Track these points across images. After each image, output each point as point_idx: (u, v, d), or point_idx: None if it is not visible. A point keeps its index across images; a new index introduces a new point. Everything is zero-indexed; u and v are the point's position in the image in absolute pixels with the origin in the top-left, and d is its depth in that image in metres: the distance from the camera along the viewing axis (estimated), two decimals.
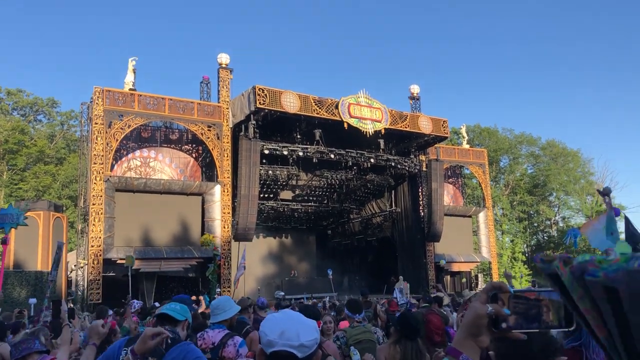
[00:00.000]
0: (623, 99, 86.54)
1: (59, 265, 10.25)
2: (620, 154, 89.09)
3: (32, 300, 12.57)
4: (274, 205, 30.02)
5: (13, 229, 8.24)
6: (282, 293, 18.43)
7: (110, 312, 10.36)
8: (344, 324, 6.43)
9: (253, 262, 30.37)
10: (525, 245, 54.91)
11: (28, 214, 23.20)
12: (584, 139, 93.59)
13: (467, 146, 36.28)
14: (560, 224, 55.94)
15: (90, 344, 3.25)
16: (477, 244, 35.34)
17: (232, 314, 4.64)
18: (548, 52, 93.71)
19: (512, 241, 50.89)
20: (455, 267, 32.91)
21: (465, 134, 37.29)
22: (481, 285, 34.22)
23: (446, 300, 9.64)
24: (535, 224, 57.28)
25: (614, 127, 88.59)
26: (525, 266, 49.08)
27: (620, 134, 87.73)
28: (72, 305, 23.03)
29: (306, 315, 4.49)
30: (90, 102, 23.20)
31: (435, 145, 30.86)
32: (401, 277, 22.24)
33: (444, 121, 28.65)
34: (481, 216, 34.94)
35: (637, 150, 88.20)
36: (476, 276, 35.31)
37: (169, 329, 3.18)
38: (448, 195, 33.60)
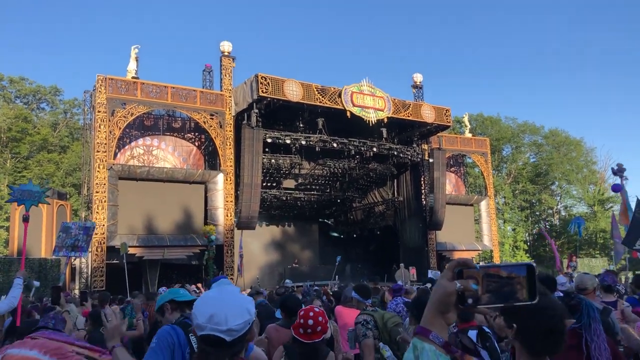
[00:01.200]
0: (627, 87, 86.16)
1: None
2: (623, 143, 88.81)
3: (36, 283, 12.63)
4: (277, 193, 30.10)
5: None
6: (290, 282, 18.56)
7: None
8: (339, 310, 6.36)
9: (256, 251, 30.56)
10: (527, 234, 54.98)
11: None
12: (587, 128, 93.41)
13: (470, 135, 36.25)
14: (563, 213, 55.95)
15: (118, 347, 2.93)
16: (479, 232, 35.42)
17: None
18: (551, 40, 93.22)
19: (513, 230, 50.97)
20: (457, 256, 32.98)
21: (467, 123, 37.22)
22: None
23: None
24: (537, 213, 57.29)
25: (618, 116, 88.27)
26: (527, 255, 49.18)
27: (624, 123, 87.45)
28: (77, 291, 23.27)
29: (287, 305, 4.55)
30: (93, 90, 23.21)
31: (438, 134, 30.82)
32: (402, 265, 22.33)
33: (446, 110, 28.62)
34: (483, 205, 34.98)
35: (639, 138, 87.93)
36: (478, 264, 35.39)
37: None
38: (450, 184, 33.63)
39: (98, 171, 21.71)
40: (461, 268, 1.19)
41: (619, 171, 12.63)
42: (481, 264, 1.22)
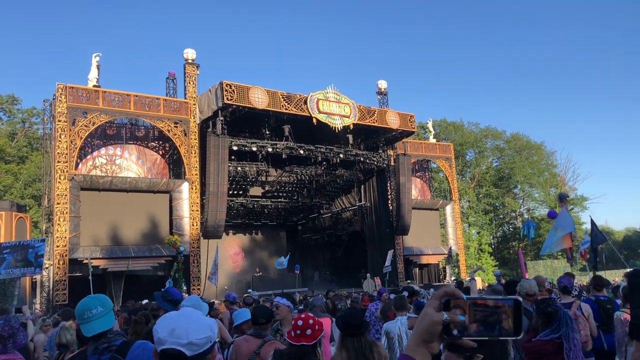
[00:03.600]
0: (584, 93, 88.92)
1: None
2: (582, 147, 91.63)
3: None
4: (244, 201, 29.90)
5: None
6: (251, 291, 18.34)
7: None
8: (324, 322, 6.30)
9: (223, 260, 30.21)
10: (491, 237, 55.98)
11: None
12: (547, 132, 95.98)
13: (434, 140, 36.78)
14: (525, 216, 57.18)
15: None
16: (445, 236, 35.89)
17: (204, 313, 4.66)
18: (510, 46, 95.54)
19: (478, 233, 51.84)
20: (424, 260, 33.37)
21: (431, 129, 37.79)
22: (449, 277, 34.79)
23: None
24: (501, 216, 58.45)
25: (577, 121, 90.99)
26: (492, 257, 50.06)
27: (582, 127, 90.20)
28: (38, 306, 22.58)
29: (259, 314, 4.53)
30: (53, 99, 22.65)
31: (403, 139, 31.18)
32: (368, 275, 22.65)
33: (411, 116, 28.98)
34: (448, 209, 35.49)
35: (598, 142, 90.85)
36: (444, 268, 35.87)
37: None
38: (416, 189, 34.01)
39: (59, 182, 21.16)
40: (448, 298, 1.18)
41: (561, 199, 13.48)
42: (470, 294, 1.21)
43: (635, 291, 4.17)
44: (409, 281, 29.10)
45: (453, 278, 33.91)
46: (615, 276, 29.41)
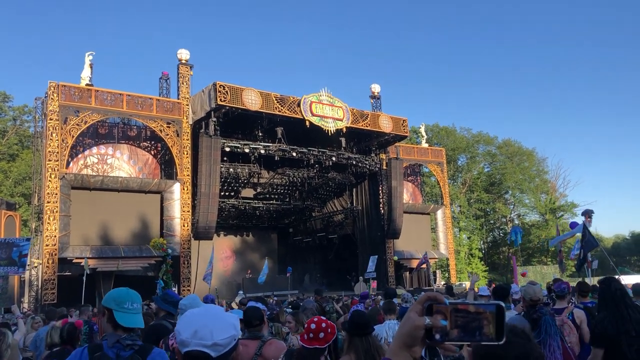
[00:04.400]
0: (575, 99, 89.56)
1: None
2: (573, 154, 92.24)
3: None
4: (235, 203, 29.84)
5: None
6: (242, 292, 18.31)
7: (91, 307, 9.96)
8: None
9: (214, 261, 30.15)
10: (481, 242, 56.21)
11: None
12: (538, 139, 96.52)
13: (426, 145, 36.92)
14: (516, 221, 57.46)
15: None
16: (436, 240, 36.00)
17: None
18: (503, 54, 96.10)
19: (469, 238, 52.03)
20: (414, 264, 33.44)
21: (424, 133, 37.93)
22: (439, 281, 34.88)
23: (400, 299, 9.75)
24: (492, 221, 58.70)
25: (568, 128, 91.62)
26: (482, 262, 50.26)
27: (573, 134, 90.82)
28: (26, 305, 22.42)
29: (253, 316, 4.54)
30: (45, 97, 22.53)
31: (395, 144, 31.27)
32: (361, 278, 22.59)
33: (403, 120, 29.07)
34: (439, 214, 35.62)
35: (589, 149, 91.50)
36: (434, 272, 35.97)
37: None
38: (407, 193, 34.10)
39: (49, 180, 21.04)
40: (431, 303, 1.19)
41: (588, 214, 13.71)
42: (451, 299, 1.23)
43: (603, 298, 4.24)
44: (392, 285, 29.14)
45: (443, 282, 34.02)
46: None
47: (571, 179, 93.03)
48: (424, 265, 26.36)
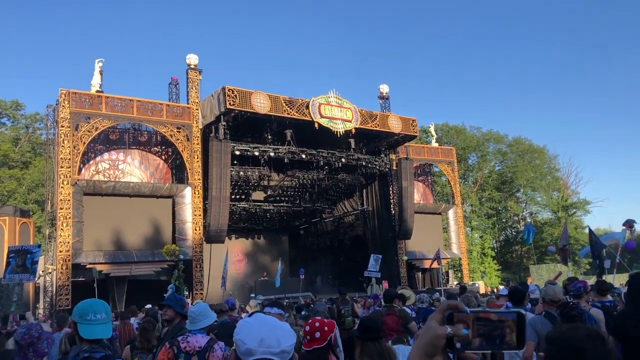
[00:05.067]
0: (586, 96, 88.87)
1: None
2: (584, 150, 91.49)
3: None
4: (246, 206, 29.92)
5: None
6: (253, 295, 18.30)
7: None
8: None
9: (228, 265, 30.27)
10: (494, 241, 55.86)
11: None
12: (549, 136, 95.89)
13: (436, 144, 36.79)
14: (528, 220, 57.07)
15: None
16: (447, 240, 35.86)
17: (211, 322, 4.71)
18: (512, 51, 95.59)
19: (481, 237, 51.76)
20: (427, 264, 33.30)
21: (434, 133, 37.79)
22: (452, 281, 34.73)
23: (412, 300, 9.69)
24: (504, 220, 58.35)
25: (579, 124, 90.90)
26: (495, 261, 49.98)
27: (585, 131, 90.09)
28: (41, 311, 22.61)
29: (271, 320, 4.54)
30: (56, 104, 22.75)
31: (405, 144, 31.18)
32: (374, 279, 22.44)
33: (413, 120, 28.99)
34: (451, 213, 35.46)
35: (601, 146, 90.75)
36: (447, 272, 35.81)
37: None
38: (418, 193, 33.99)
39: (62, 187, 21.24)
40: (452, 311, 1.18)
41: (629, 224, 14.03)
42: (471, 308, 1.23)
43: (632, 293, 4.11)
44: (403, 286, 29.06)
45: (456, 282, 33.86)
46: (621, 280, 29.25)
47: (583, 176, 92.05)
48: (436, 264, 26.28)
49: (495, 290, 25.33)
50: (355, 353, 3.84)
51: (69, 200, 21.26)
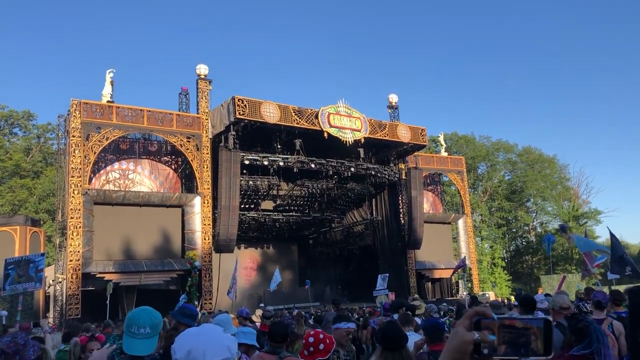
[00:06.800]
0: (598, 105, 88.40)
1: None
2: (595, 160, 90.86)
3: (3, 313, 12.45)
4: (255, 215, 29.92)
5: None
6: (263, 305, 18.25)
7: (93, 326, 10.06)
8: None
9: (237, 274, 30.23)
10: (504, 251, 55.47)
11: (4, 228, 22.86)
12: (560, 145, 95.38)
13: (445, 154, 36.69)
14: (539, 230, 56.66)
15: None
16: (457, 250, 35.63)
17: (232, 332, 4.71)
18: (523, 61, 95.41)
19: (491, 247, 51.42)
20: (436, 274, 33.12)
21: (443, 142, 37.71)
22: (462, 291, 34.46)
23: (422, 310, 9.62)
24: (514, 230, 57.95)
25: (589, 134, 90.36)
26: (505, 272, 49.59)
27: (596, 140, 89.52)
28: (51, 320, 22.66)
29: (276, 331, 4.52)
30: (68, 114, 22.95)
31: (414, 153, 31.14)
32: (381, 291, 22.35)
33: (422, 130, 28.94)
34: (460, 223, 35.28)
35: (611, 155, 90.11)
36: (457, 282, 35.55)
37: None
38: (427, 203, 33.86)
39: (73, 196, 21.37)
40: (479, 318, 1.21)
41: (562, 230, 13.77)
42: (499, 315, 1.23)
43: (635, 312, 3.95)
44: (414, 297, 28.86)
45: (466, 292, 33.58)
46: None
47: (594, 186, 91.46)
48: (459, 270, 26.19)
49: (506, 300, 25.11)
50: None
51: (79, 210, 21.37)
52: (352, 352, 5.33)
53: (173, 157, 25.47)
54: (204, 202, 24.25)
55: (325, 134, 24.90)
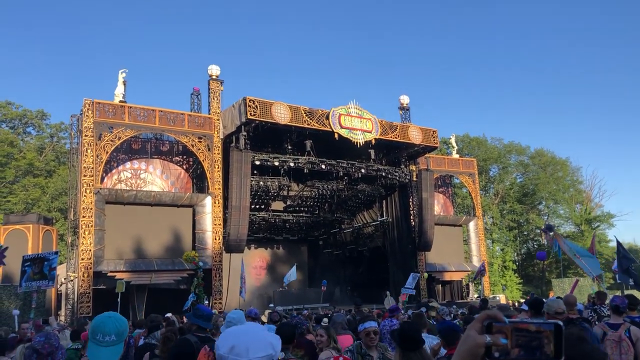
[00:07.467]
0: (610, 107, 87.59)
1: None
2: (608, 163, 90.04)
3: (15, 312, 12.57)
4: (266, 216, 29.98)
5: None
6: (272, 305, 18.23)
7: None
8: (345, 340, 6.12)
9: (244, 273, 30.31)
10: (515, 254, 55.10)
11: (17, 226, 23.09)
12: (572, 148, 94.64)
13: (457, 156, 36.52)
14: (551, 233, 56.13)
15: None
16: (468, 252, 35.47)
17: None
18: (535, 62, 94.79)
19: (502, 250, 51.11)
20: (447, 277, 32.99)
21: (454, 144, 37.55)
22: (472, 294, 34.29)
23: (434, 312, 9.62)
24: (525, 233, 57.53)
25: (603, 136, 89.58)
26: (516, 275, 49.24)
27: (609, 143, 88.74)
28: (63, 318, 22.82)
29: (281, 333, 4.52)
30: (80, 114, 23.14)
31: (425, 155, 31.04)
32: (388, 292, 22.49)
33: (433, 131, 28.84)
34: (471, 225, 35.10)
35: (625, 158, 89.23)
36: (467, 285, 35.38)
37: None
38: (438, 205, 33.73)
39: (85, 195, 21.53)
40: (491, 321, 1.20)
41: (547, 231, 13.82)
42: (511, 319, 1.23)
43: None
44: (430, 299, 28.77)
45: (476, 295, 33.41)
46: None
47: (607, 189, 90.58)
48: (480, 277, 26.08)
49: (516, 303, 24.96)
50: None
51: (91, 209, 21.54)
52: (388, 353, 4.97)
53: (184, 157, 25.60)
54: (215, 202, 24.34)
55: (336, 135, 24.89)
